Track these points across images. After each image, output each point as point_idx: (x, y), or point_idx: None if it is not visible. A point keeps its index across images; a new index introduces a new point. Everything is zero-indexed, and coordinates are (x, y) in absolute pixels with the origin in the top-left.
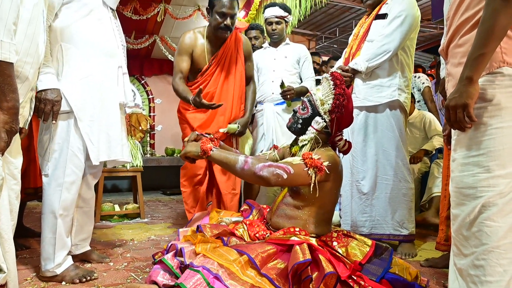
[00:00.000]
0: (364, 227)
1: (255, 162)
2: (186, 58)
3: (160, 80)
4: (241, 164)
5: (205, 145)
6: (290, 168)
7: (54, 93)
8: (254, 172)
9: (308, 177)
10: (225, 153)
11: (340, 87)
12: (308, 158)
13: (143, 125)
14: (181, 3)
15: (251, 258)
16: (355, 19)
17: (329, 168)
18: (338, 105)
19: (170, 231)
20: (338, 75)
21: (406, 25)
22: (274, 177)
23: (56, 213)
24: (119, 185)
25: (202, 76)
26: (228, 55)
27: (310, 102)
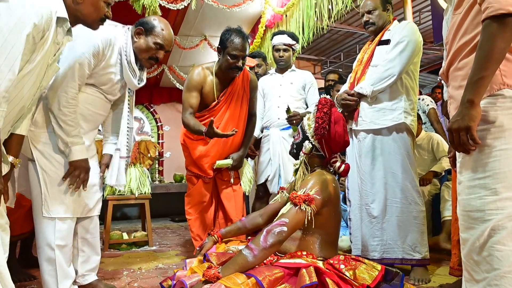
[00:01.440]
0: (375, 252)
1: (256, 241)
2: (195, 94)
3: (168, 107)
4: (251, 255)
5: (210, 274)
6: (284, 219)
7: (87, 162)
8: (264, 249)
9: (304, 212)
10: (231, 262)
11: (321, 110)
12: (294, 198)
13: (151, 152)
14: (188, 34)
15: (259, 280)
16: (358, 43)
17: (319, 193)
18: (318, 127)
19: (178, 259)
20: (322, 100)
21: (408, 50)
22: (279, 236)
23: (52, 244)
24: (128, 212)
25: (209, 111)
26: (235, 92)
27: (301, 127)
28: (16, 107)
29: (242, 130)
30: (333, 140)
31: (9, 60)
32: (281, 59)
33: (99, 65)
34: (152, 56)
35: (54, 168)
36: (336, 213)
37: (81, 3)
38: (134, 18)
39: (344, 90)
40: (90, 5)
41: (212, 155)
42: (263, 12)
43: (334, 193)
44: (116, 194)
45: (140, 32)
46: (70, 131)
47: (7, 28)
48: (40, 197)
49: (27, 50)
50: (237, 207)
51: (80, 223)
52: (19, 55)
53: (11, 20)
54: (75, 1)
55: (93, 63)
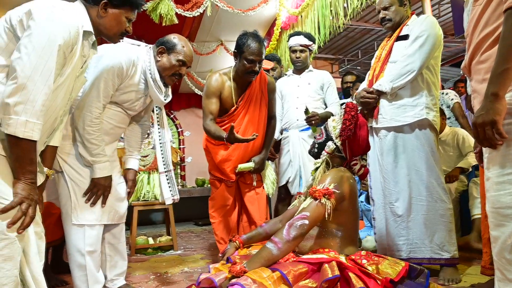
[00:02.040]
0: (401, 251)
1: (279, 235)
2: (215, 101)
3: (188, 113)
4: (275, 248)
5: (236, 270)
6: (305, 213)
7: (108, 180)
8: (288, 241)
9: (324, 206)
10: (256, 256)
11: (349, 113)
12: (314, 192)
13: (173, 158)
14: (205, 40)
15: (284, 274)
16: (376, 40)
17: (337, 187)
18: (345, 129)
19: (203, 263)
20: (349, 104)
21: (428, 44)
22: (301, 229)
23: (82, 250)
24: (152, 217)
25: (228, 116)
26: (253, 96)
27: (325, 128)
28: (50, 119)
29: (263, 132)
30: (356, 142)
31: (44, 75)
32: (298, 60)
33: (122, 84)
34: (175, 73)
35: (82, 178)
36: (354, 210)
37: (104, 17)
38: (152, 27)
39: (363, 88)
40: (113, 19)
41: (234, 159)
42: (278, 14)
43: (351, 189)
44: (140, 200)
45: (162, 51)
46: (93, 149)
47: (39, 45)
48: (69, 206)
49: (58, 64)
50: (260, 210)
51: (107, 229)
52: (53, 70)
53: (42, 37)
54: (99, 15)
55: (117, 83)
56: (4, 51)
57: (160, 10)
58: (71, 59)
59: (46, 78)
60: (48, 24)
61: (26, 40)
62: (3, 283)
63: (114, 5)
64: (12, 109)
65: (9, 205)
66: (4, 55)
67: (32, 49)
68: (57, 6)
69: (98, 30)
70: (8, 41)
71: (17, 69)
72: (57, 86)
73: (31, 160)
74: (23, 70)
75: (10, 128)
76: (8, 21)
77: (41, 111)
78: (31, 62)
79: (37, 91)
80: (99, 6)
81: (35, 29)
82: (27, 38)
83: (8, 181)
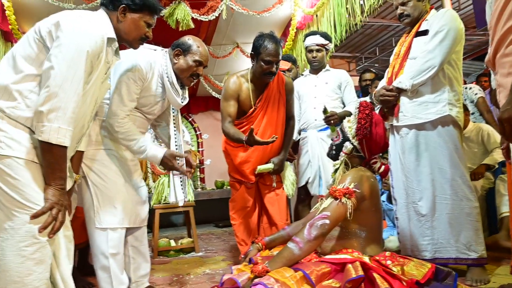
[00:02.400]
0: (426, 251)
1: (300, 235)
2: (233, 103)
3: (206, 116)
4: (296, 248)
5: (259, 270)
6: (326, 213)
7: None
8: (309, 241)
9: (345, 206)
10: (278, 256)
11: (363, 112)
12: (334, 192)
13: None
14: (221, 43)
15: (306, 274)
16: (394, 36)
17: (357, 187)
18: (361, 128)
19: (224, 264)
20: (363, 102)
21: (449, 39)
22: (322, 229)
23: (106, 253)
24: (173, 220)
25: (247, 118)
26: (271, 97)
27: (341, 129)
28: (79, 125)
29: (281, 134)
30: (374, 141)
31: (74, 83)
32: (314, 60)
33: (142, 89)
34: (193, 73)
35: (103, 182)
36: (376, 209)
37: (123, 21)
38: (169, 33)
39: (382, 85)
40: (131, 23)
41: (253, 160)
42: (293, 14)
43: (372, 188)
44: (162, 203)
45: (178, 53)
46: (134, 144)
47: (69, 55)
48: (92, 210)
49: (85, 72)
50: (281, 211)
51: (130, 232)
52: (82, 78)
53: (71, 47)
54: (118, 20)
55: (139, 85)
56: (35, 61)
57: (176, 15)
58: (97, 67)
59: (75, 86)
60: (76, 35)
61: (56, 50)
62: (36, 285)
63: (133, 9)
64: (46, 116)
65: (40, 211)
66: (35, 65)
67: (62, 59)
68: (83, 17)
69: (119, 36)
70: (38, 51)
71: (49, 78)
72: (84, 92)
73: (62, 167)
74: (54, 79)
75: (44, 135)
76: (37, 32)
77: (71, 118)
78: (62, 71)
79: (68, 98)
80: (118, 11)
81: (64, 40)
82: (57, 48)
83: (39, 187)
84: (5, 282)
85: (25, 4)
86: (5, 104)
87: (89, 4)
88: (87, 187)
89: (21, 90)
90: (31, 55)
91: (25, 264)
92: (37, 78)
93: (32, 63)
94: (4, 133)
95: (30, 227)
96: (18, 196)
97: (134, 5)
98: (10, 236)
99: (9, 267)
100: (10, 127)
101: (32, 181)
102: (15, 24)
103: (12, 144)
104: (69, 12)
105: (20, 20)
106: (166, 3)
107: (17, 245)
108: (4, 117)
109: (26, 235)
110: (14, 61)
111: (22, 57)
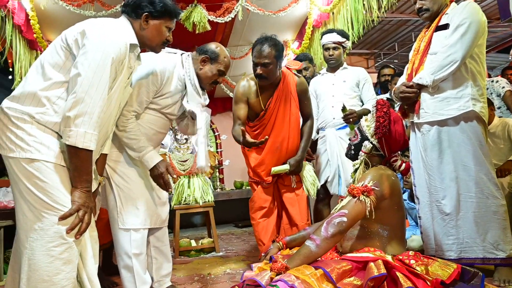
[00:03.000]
0: (451, 251)
1: (317, 232)
2: (242, 106)
3: (224, 117)
4: (313, 245)
5: (278, 267)
6: (343, 211)
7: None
8: (326, 239)
9: (363, 203)
10: (296, 254)
11: (381, 110)
12: (352, 190)
13: (212, 162)
14: (237, 44)
15: (327, 272)
16: (413, 31)
17: (377, 185)
18: (379, 126)
19: (244, 264)
20: (380, 101)
21: (471, 32)
22: (339, 226)
23: (129, 253)
24: (194, 220)
25: (259, 120)
26: (282, 99)
27: (359, 129)
28: (104, 128)
29: (297, 134)
30: (393, 138)
31: (99, 89)
32: (331, 58)
33: (159, 91)
34: (214, 81)
35: (126, 183)
36: (398, 207)
37: (146, 28)
38: (185, 35)
39: (402, 82)
40: (154, 30)
41: (268, 162)
42: (309, 12)
43: (393, 187)
44: (182, 204)
45: (206, 60)
46: (134, 143)
47: (95, 63)
48: (116, 211)
49: (110, 78)
50: (301, 212)
51: (151, 232)
52: (107, 84)
53: (97, 55)
54: (142, 27)
55: (152, 89)
56: (62, 69)
57: (193, 18)
58: (120, 72)
59: (101, 91)
60: (101, 43)
61: (82, 58)
62: (64, 284)
63: (155, 16)
64: (73, 121)
65: (67, 212)
66: (63, 72)
67: (88, 66)
68: (107, 25)
69: (142, 42)
70: (65, 59)
71: (76, 85)
72: (108, 97)
73: (87, 170)
74: (81, 86)
75: (71, 139)
76: (64, 40)
77: (97, 123)
78: (88, 78)
79: (94, 104)
80: (141, 19)
81: (89, 47)
82: (83, 56)
83: (67, 190)
84: (35, 280)
85: (48, 13)
86: (35, 110)
87: (108, 10)
88: (111, 188)
89: (49, 97)
90: (59, 62)
91: (54, 263)
92: (64, 84)
93: (60, 70)
94: (33, 137)
95: (58, 228)
96: (47, 198)
97: (156, 12)
98: (39, 236)
99: (38, 266)
100: (39, 132)
101: (59, 184)
102: (39, 33)
103: (41, 148)
104: (93, 20)
105: (44, 29)
106: (183, 6)
107: (46, 245)
108: (33, 122)
109: (55, 236)
110: (43, 69)
111: (50, 65)
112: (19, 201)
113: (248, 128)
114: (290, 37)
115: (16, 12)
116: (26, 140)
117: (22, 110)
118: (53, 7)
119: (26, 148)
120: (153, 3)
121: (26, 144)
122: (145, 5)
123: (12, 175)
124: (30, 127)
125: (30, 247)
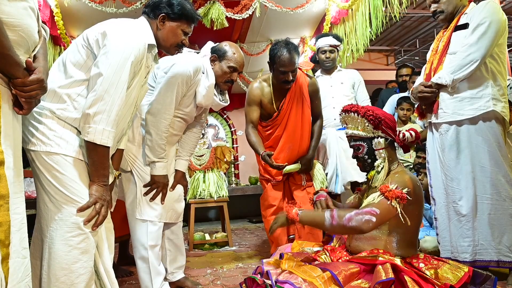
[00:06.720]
0: (466, 253)
1: (341, 214)
2: (255, 108)
3: (240, 113)
4: (329, 221)
5: (291, 212)
6: (375, 209)
7: (165, 178)
8: (343, 225)
9: (393, 209)
10: (312, 214)
11: (360, 108)
12: (387, 191)
13: (227, 157)
14: (255, 40)
15: (334, 274)
16: (436, 27)
17: (410, 194)
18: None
19: (256, 259)
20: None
21: (491, 31)
22: (365, 224)
23: (145, 245)
24: (208, 214)
25: (272, 121)
26: (294, 100)
27: (361, 139)
28: (120, 126)
29: (308, 134)
30: (387, 118)
31: (118, 88)
32: (327, 60)
33: (189, 91)
34: (228, 79)
35: (148, 177)
36: (419, 213)
37: (162, 29)
38: (203, 32)
39: (420, 82)
40: (169, 31)
41: (280, 161)
42: (327, 9)
43: (420, 193)
44: (197, 198)
45: (214, 59)
46: (160, 153)
47: (115, 62)
48: (135, 202)
49: (129, 78)
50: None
51: (167, 226)
52: (126, 83)
53: (117, 55)
54: (158, 27)
55: (184, 90)
56: (83, 67)
57: (211, 15)
58: (138, 71)
59: (120, 90)
60: (121, 44)
61: (103, 57)
62: (81, 273)
63: (171, 18)
64: (92, 118)
65: (85, 205)
66: (83, 70)
67: (108, 65)
68: (127, 26)
69: (157, 42)
70: (86, 58)
71: (96, 83)
72: (126, 95)
73: (104, 165)
74: (101, 84)
75: (90, 136)
76: (85, 39)
77: (115, 120)
78: (108, 77)
79: (113, 102)
80: (157, 20)
81: (110, 47)
82: (103, 56)
83: (85, 183)
84: (55, 268)
85: (72, 10)
86: (56, 106)
87: (129, 7)
88: (133, 180)
89: (70, 94)
90: (80, 61)
91: (72, 252)
92: (85, 82)
93: (81, 68)
94: (54, 132)
95: (76, 219)
96: (66, 190)
97: (173, 14)
98: (59, 226)
99: (58, 255)
100: (59, 127)
101: (78, 177)
102: (63, 29)
103: (61, 143)
104: (114, 21)
105: (67, 25)
106: (201, 3)
107: (65, 235)
108: (54, 117)
109: (73, 226)
110: (65, 67)
111: (71, 63)
112: (41, 192)
113: (261, 128)
114: (308, 33)
115: (41, 9)
116: (46, 134)
117: (44, 105)
118: (76, 4)
119: (47, 142)
120: (172, 5)
121: (46, 138)
122: (163, 6)
123: (34, 167)
124: (51, 122)
125: (50, 236)
